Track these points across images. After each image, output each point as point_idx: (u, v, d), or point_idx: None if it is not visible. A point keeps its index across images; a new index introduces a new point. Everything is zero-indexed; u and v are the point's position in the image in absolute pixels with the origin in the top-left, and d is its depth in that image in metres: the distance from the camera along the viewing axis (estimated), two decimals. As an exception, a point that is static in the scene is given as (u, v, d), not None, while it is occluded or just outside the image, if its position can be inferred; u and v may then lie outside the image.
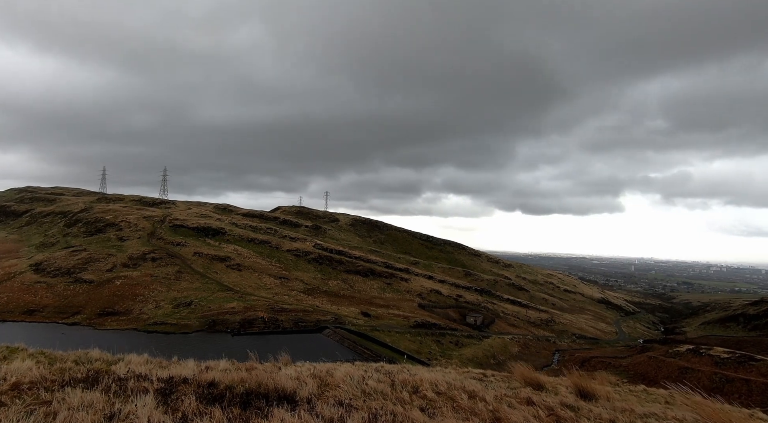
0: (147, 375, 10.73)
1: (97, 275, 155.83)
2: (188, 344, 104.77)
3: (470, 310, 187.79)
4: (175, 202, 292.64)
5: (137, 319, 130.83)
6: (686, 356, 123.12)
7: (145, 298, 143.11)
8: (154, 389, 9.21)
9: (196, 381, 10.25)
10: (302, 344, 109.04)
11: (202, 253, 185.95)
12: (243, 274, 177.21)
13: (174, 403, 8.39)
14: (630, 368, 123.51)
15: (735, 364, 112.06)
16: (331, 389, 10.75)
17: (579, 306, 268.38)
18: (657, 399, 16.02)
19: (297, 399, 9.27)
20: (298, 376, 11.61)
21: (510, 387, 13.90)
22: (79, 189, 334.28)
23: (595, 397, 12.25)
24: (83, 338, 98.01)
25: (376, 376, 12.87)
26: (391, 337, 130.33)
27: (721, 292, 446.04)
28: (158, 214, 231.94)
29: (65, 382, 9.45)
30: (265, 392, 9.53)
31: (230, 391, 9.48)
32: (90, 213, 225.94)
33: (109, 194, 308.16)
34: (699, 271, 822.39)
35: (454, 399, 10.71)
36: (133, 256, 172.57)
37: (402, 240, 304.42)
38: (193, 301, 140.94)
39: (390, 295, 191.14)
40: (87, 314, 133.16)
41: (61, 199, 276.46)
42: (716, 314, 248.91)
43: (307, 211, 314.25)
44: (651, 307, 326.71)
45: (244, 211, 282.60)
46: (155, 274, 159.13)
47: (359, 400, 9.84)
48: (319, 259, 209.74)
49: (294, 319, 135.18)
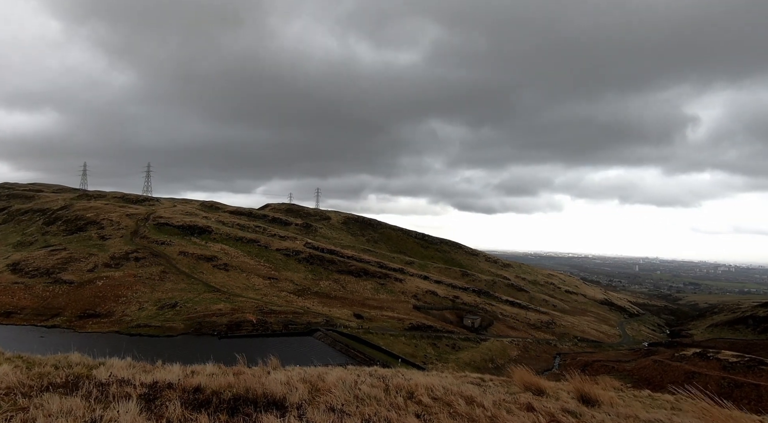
0: (130, 380, 10.69)
1: (77, 276, 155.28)
2: (173, 347, 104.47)
3: (467, 312, 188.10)
4: (160, 200, 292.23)
5: (120, 322, 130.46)
6: (693, 360, 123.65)
7: (128, 300, 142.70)
8: (137, 395, 9.17)
9: (181, 386, 10.21)
10: (292, 347, 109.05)
11: (188, 252, 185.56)
12: (230, 274, 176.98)
13: (158, 409, 8.36)
14: (634, 372, 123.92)
15: (744, 369, 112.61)
16: (323, 394, 10.69)
17: (581, 308, 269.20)
18: (662, 405, 16.03)
19: (287, 405, 9.25)
20: (288, 381, 11.57)
21: (509, 392, 13.88)
22: (59, 185, 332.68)
23: (598, 402, 12.23)
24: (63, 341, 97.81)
25: (369, 380, 12.84)
26: (385, 340, 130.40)
27: (729, 293, 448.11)
28: (142, 212, 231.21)
29: (44, 387, 9.40)
30: (254, 398, 9.50)
31: (217, 396, 9.44)
32: (70, 211, 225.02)
33: (90, 191, 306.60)
34: (706, 271, 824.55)
35: (451, 405, 10.68)
36: (116, 255, 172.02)
37: (396, 239, 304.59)
38: (178, 302, 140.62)
39: (384, 296, 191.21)
40: (67, 316, 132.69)
41: (40, 196, 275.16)
42: (724, 316, 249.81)
43: (297, 208, 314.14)
44: (656, 308, 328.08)
45: (231, 208, 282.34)
46: (138, 275, 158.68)
47: (352, 405, 9.80)
48: (310, 259, 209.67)
49: (284, 321, 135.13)
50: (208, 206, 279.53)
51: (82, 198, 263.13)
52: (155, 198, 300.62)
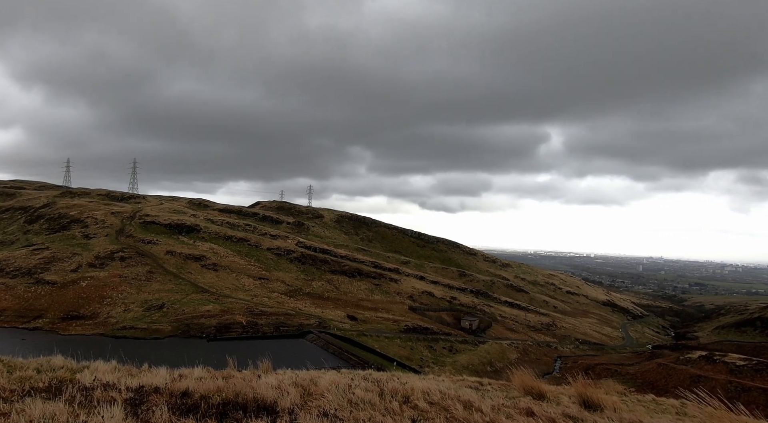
0: (115, 384, 10.67)
1: (60, 276, 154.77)
2: (160, 350, 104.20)
3: (465, 314, 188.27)
4: (146, 197, 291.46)
5: (104, 323, 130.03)
6: (699, 363, 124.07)
7: (113, 301, 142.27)
8: (123, 399, 9.15)
9: (168, 390, 10.20)
10: (284, 350, 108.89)
11: (175, 251, 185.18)
12: (219, 274, 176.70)
13: (144, 414, 8.35)
14: (638, 376, 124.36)
15: (752, 372, 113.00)
16: (315, 399, 10.69)
17: (582, 309, 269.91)
18: (667, 409, 16.08)
19: (278, 410, 9.24)
20: (279, 385, 11.55)
21: (508, 396, 13.90)
22: (42, 182, 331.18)
23: (601, 407, 12.24)
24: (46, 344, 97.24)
25: (363, 384, 12.84)
26: (379, 343, 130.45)
27: (736, 293, 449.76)
28: (127, 210, 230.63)
29: (25, 391, 9.37)
30: (243, 402, 9.49)
31: (205, 401, 9.43)
32: (53, 208, 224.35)
33: (73, 188, 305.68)
34: (712, 271, 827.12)
35: (448, 409, 10.68)
36: (100, 255, 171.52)
37: (391, 237, 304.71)
38: (165, 303, 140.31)
39: (378, 297, 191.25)
40: (49, 318, 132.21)
41: (22, 193, 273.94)
42: (731, 318, 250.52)
43: (288, 206, 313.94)
44: (660, 310, 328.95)
45: (220, 206, 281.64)
46: (124, 275, 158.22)
47: (345, 410, 9.80)
48: (302, 259, 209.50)
49: (275, 322, 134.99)
50: (196, 204, 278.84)
51: (66, 195, 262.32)
52: (141, 195, 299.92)
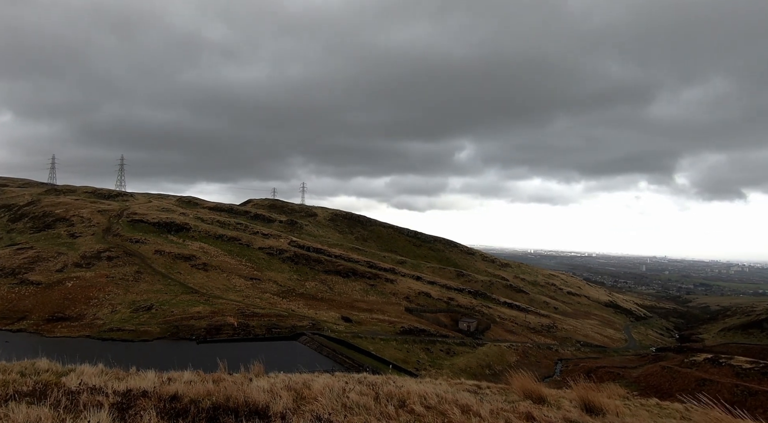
0: (102, 388, 10.65)
1: (45, 276, 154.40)
2: (148, 353, 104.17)
3: (463, 315, 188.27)
4: (134, 195, 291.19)
5: (91, 325, 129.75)
6: (704, 366, 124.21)
7: (99, 302, 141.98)
8: (110, 404, 9.13)
9: (157, 394, 10.18)
10: (276, 353, 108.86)
11: (164, 251, 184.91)
12: (210, 274, 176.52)
13: (132, 419, 8.34)
14: (641, 380, 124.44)
15: (759, 376, 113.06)
16: (308, 403, 10.68)
17: (584, 310, 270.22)
18: (671, 414, 16.09)
19: (270, 414, 9.24)
20: (271, 389, 11.55)
21: (507, 400, 13.91)
22: (26, 180, 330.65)
23: (603, 411, 12.25)
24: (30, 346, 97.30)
25: (358, 388, 12.83)
26: (375, 345, 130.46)
27: (742, 294, 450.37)
28: (114, 208, 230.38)
29: (9, 396, 9.35)
30: (235, 407, 9.48)
31: (195, 405, 9.41)
32: (37, 206, 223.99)
33: (59, 185, 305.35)
34: (718, 272, 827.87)
35: (446, 414, 10.69)
36: (87, 254, 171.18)
37: (387, 237, 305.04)
38: (153, 304, 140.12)
39: (374, 298, 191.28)
40: (34, 319, 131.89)
41: (5, 191, 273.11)
42: (737, 319, 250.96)
43: (281, 204, 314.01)
44: (664, 311, 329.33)
45: (210, 204, 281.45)
46: (111, 275, 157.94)
47: (339, 415, 9.80)
48: (295, 258, 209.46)
49: (267, 324, 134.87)
50: (185, 202, 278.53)
51: (51, 193, 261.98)
52: (129, 193, 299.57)
